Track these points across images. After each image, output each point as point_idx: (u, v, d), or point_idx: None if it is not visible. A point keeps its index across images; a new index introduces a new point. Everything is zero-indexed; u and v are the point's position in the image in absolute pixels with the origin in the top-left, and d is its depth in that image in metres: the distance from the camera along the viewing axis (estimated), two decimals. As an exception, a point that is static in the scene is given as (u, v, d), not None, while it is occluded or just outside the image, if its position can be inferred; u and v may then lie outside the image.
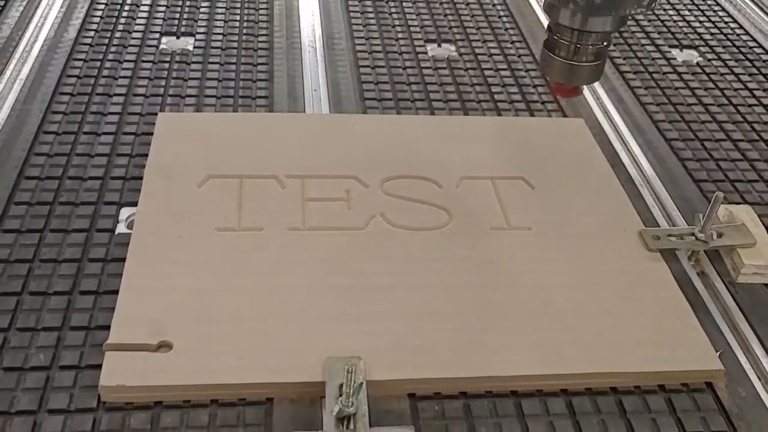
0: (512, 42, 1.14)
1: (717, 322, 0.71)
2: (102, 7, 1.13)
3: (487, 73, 1.05)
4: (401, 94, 1.00)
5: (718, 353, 0.65)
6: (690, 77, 1.08)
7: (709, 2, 1.30)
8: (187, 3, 1.17)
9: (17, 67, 0.99)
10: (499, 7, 1.24)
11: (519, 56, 1.10)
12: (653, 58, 1.12)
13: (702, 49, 1.16)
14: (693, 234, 0.76)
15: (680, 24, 1.23)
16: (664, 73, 1.09)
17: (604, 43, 0.72)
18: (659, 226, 0.81)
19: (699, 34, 1.20)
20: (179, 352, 0.60)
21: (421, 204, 0.77)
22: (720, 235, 0.76)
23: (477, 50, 1.11)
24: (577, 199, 0.81)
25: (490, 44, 1.13)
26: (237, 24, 1.13)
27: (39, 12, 1.11)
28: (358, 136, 0.88)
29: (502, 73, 1.06)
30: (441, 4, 1.24)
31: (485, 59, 1.09)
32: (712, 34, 1.21)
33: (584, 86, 0.78)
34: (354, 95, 1.00)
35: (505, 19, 1.20)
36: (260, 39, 1.10)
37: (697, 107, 1.02)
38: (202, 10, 1.16)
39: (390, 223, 0.75)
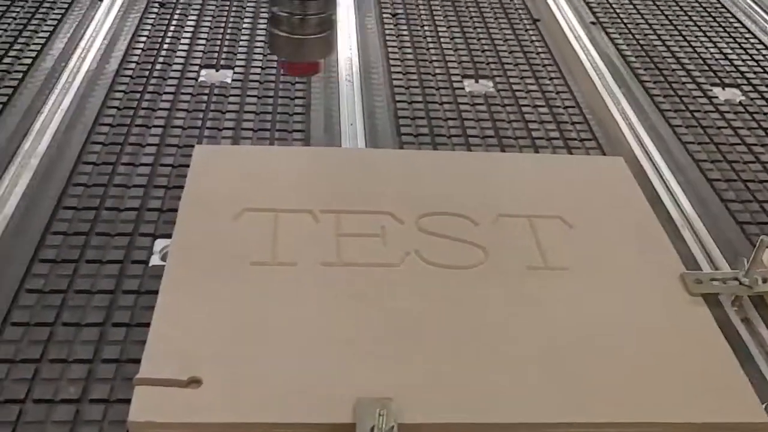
0: (550, 78, 1.13)
1: (762, 371, 0.68)
2: (143, 39, 1.15)
3: (524, 109, 1.05)
4: (438, 130, 1.00)
5: (764, 405, 0.63)
6: (732, 116, 1.06)
7: (751, 40, 1.28)
8: (227, 36, 1.18)
9: (59, 98, 1.00)
10: (537, 43, 1.23)
11: (557, 93, 1.09)
12: (694, 96, 1.10)
13: (744, 87, 1.14)
14: (737, 278, 0.74)
15: (722, 62, 1.21)
16: (706, 112, 1.07)
17: (329, 12, 0.68)
18: (701, 270, 0.79)
19: (741, 72, 1.18)
20: (209, 388, 0.59)
21: (457, 241, 0.76)
22: (765, 280, 0.73)
23: (515, 86, 1.10)
24: (615, 240, 0.79)
25: (528, 80, 1.12)
26: (275, 57, 1.14)
27: (82, 44, 1.13)
28: (394, 171, 0.88)
29: (540, 109, 1.05)
30: (479, 39, 1.23)
31: (523, 95, 1.08)
32: (755, 72, 1.19)
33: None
34: (390, 130, 0.99)
35: (543, 55, 1.20)
36: (298, 72, 1.11)
37: (740, 147, 1.00)
38: (241, 43, 1.17)
39: (425, 261, 0.74)
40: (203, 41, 1.16)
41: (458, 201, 0.82)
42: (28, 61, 1.06)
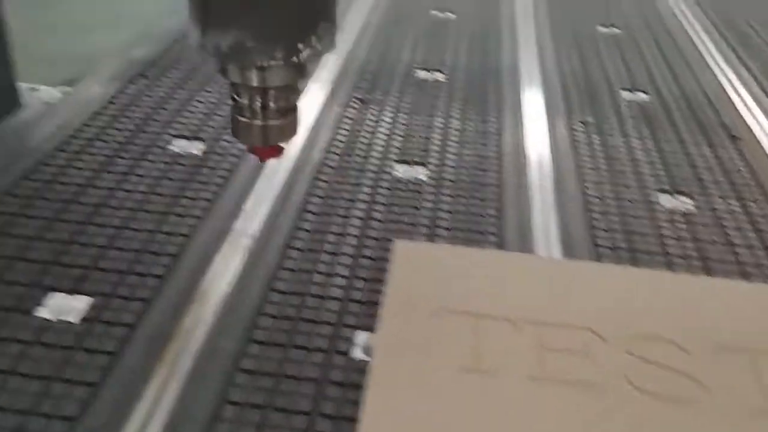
0: (754, 200, 1.08)
1: None
2: (345, 132, 1.21)
3: (729, 231, 1.00)
4: (634, 244, 0.97)
5: None
6: None
7: None
8: (421, 134, 1.22)
9: (267, 185, 1.06)
10: (737, 162, 1.19)
11: (763, 216, 1.04)
12: None
13: None
14: None
15: None
16: None
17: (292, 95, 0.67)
18: None
19: None
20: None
21: (669, 370, 0.73)
22: None
23: (716, 205, 1.06)
24: None
25: (730, 200, 1.08)
26: (468, 157, 1.16)
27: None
28: (594, 285, 0.86)
29: (747, 233, 1.00)
30: (673, 153, 1.21)
31: (725, 215, 1.04)
32: None
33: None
34: (586, 240, 0.98)
35: (744, 174, 1.15)
36: (490, 174, 1.12)
37: None
38: (434, 141, 1.20)
39: (636, 388, 0.71)
40: (400, 137, 1.21)
41: (665, 324, 0.79)
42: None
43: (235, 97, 0.69)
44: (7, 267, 0.86)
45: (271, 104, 0.68)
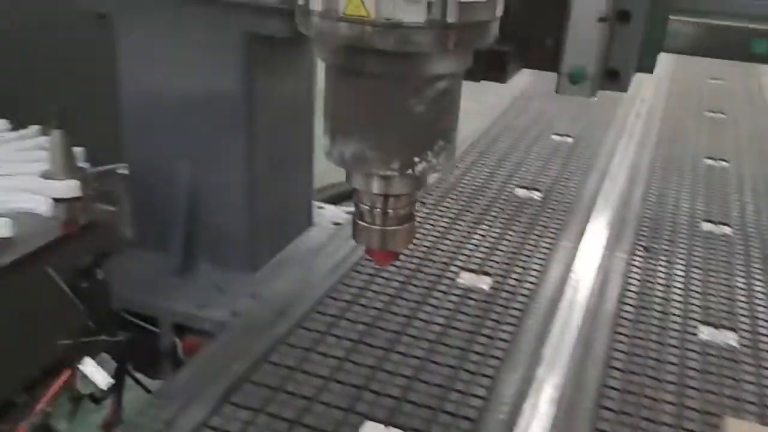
0: None
1: None
2: (636, 282, 1.14)
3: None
4: None
5: None
6: None
7: None
8: (722, 293, 1.13)
9: (562, 330, 1.01)
10: None
11: None
12: None
13: None
14: None
15: None
16: None
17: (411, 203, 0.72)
18: None
19: None
20: None
21: None
22: None
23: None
24: None
25: None
26: (783, 325, 1.05)
27: (573, 276, 1.15)
28: None
29: None
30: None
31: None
32: None
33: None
34: None
35: None
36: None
37: None
38: (739, 302, 1.10)
39: None
40: (698, 295, 1.12)
41: None
42: (530, 285, 1.11)
43: (357, 203, 0.74)
44: (323, 388, 0.86)
45: (390, 211, 0.73)
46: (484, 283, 1.11)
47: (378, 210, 0.74)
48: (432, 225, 1.28)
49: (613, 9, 0.82)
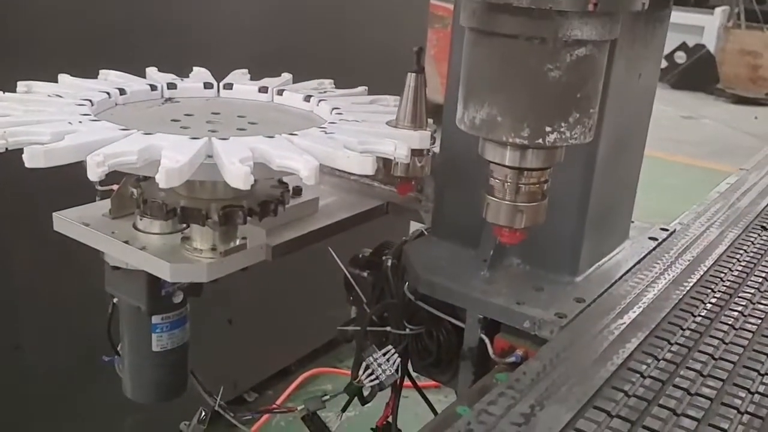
0: None
1: None
2: None
3: None
4: None
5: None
6: None
7: None
8: None
9: None
10: None
11: None
12: None
13: None
14: None
15: None
16: None
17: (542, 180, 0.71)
18: None
19: None
20: None
21: None
22: None
23: None
24: None
25: None
26: None
27: None
28: None
29: None
30: None
31: None
32: None
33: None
34: None
35: None
36: None
37: None
38: None
39: None
40: None
41: None
42: None
43: (489, 176, 0.72)
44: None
45: (521, 186, 0.71)
46: None
47: (509, 184, 0.72)
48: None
49: None
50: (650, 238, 1.14)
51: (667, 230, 1.17)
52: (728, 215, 1.25)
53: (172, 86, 1.04)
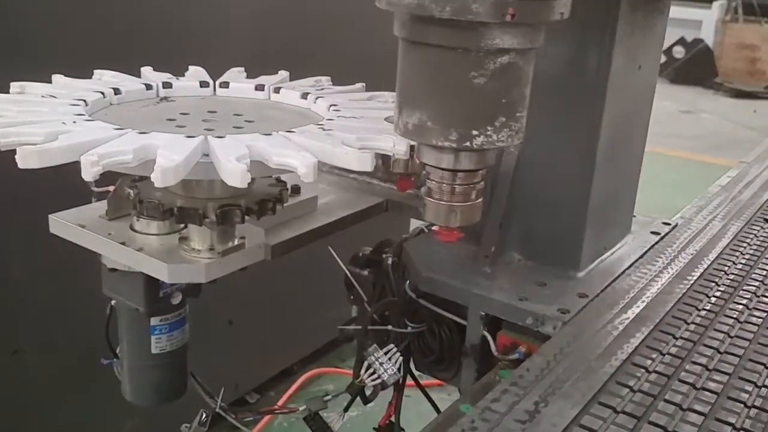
0: None
1: None
2: None
3: None
4: None
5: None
6: None
7: None
8: None
9: None
10: None
11: None
12: None
13: None
14: None
15: None
16: None
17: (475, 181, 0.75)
18: None
19: None
20: None
21: None
22: None
23: None
24: None
25: None
26: None
27: None
28: None
29: None
30: None
31: None
32: None
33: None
34: None
35: None
36: None
37: None
38: None
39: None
40: None
41: None
42: None
43: (426, 178, 0.76)
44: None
45: (456, 188, 0.75)
46: None
47: (445, 186, 0.75)
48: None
49: None
50: (652, 233, 1.13)
51: (669, 224, 1.16)
52: (730, 208, 1.24)
53: (167, 85, 1.03)
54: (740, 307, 0.89)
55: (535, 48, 0.72)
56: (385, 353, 1.00)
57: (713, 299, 0.90)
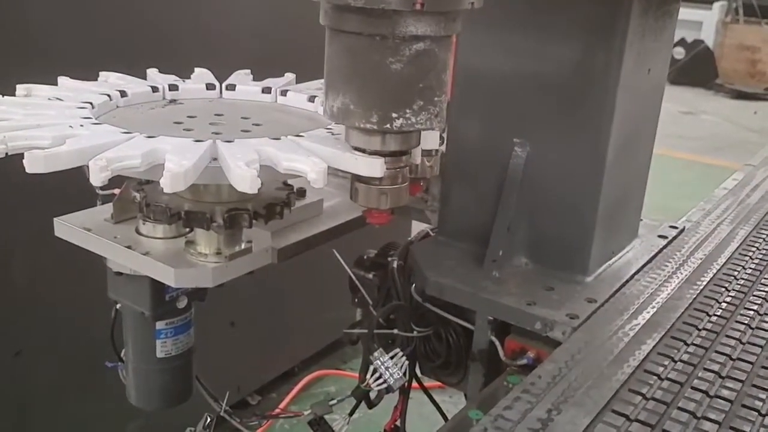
0: None
1: None
2: None
3: None
4: None
5: None
6: None
7: None
8: None
9: None
10: None
11: None
12: None
13: None
14: None
15: None
16: None
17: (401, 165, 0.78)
18: None
19: None
20: None
21: None
22: None
23: None
24: None
25: None
26: None
27: None
28: None
29: None
30: None
31: None
32: None
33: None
34: None
35: None
36: None
37: None
38: None
39: None
40: None
41: None
42: None
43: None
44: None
45: (385, 171, 0.76)
46: None
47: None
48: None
49: None
50: (660, 236, 1.13)
51: (676, 228, 1.15)
52: (738, 212, 1.23)
53: (173, 88, 1.02)
54: (751, 312, 0.88)
55: (450, 35, 0.76)
56: (391, 357, 0.99)
57: (724, 305, 0.90)
